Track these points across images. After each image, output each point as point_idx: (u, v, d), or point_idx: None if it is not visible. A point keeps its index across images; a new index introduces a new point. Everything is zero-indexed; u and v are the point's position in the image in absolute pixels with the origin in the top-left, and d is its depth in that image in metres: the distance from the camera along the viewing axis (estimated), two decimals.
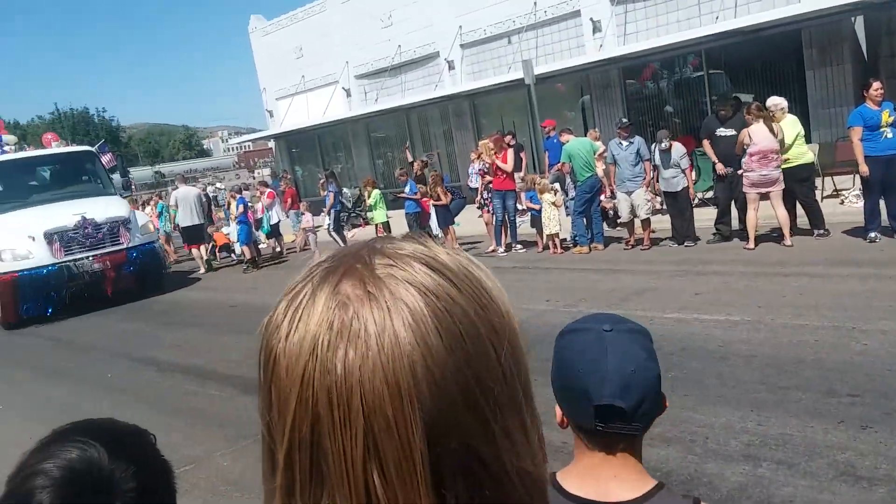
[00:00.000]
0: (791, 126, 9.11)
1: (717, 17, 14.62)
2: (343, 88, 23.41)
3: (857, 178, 9.46)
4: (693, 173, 10.74)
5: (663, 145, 9.97)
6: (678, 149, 10.01)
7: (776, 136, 8.82)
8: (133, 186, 15.63)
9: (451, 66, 20.18)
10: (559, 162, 12.76)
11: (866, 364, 4.96)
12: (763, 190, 8.94)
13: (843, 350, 5.29)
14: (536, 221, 11.64)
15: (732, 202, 9.82)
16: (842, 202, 10.65)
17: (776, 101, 9.21)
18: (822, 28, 13.47)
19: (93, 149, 15.18)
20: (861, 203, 9.05)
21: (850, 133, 8.63)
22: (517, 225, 12.20)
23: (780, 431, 4.14)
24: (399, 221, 13.98)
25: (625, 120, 11.15)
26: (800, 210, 9.36)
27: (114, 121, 63.79)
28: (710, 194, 12.22)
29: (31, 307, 12.05)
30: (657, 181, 10.69)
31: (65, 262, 12.11)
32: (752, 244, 9.08)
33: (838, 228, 9.19)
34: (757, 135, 8.83)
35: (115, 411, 6.62)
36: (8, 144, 14.49)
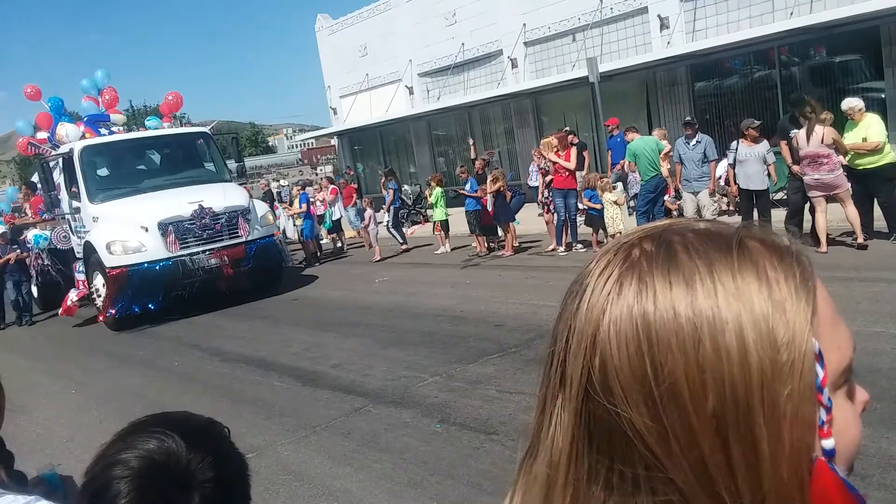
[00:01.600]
0: (876, 125, 8.74)
1: (791, 13, 14.16)
2: (406, 86, 23.57)
3: None
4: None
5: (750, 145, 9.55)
6: (764, 144, 9.68)
7: (813, 140, 8.50)
8: (247, 174, 14.34)
9: (514, 64, 20.10)
10: (621, 161, 12.57)
11: None
12: (823, 193, 8.62)
13: None
14: (593, 220, 11.48)
15: (806, 204, 9.48)
16: None
17: (852, 104, 8.86)
18: None
19: (207, 130, 13.91)
20: None
21: None
22: (578, 224, 12.06)
23: None
24: (458, 219, 13.99)
25: (689, 118, 10.89)
26: (878, 212, 8.99)
27: (185, 118, 65.53)
28: (780, 195, 11.85)
29: (136, 305, 10.94)
30: (734, 180, 10.21)
31: (179, 256, 10.91)
32: (824, 247, 8.76)
33: None
34: (802, 140, 8.59)
35: (182, 398, 6.86)
36: (116, 125, 13.30)
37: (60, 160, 12.16)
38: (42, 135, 13.16)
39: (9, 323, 13.20)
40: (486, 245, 13.04)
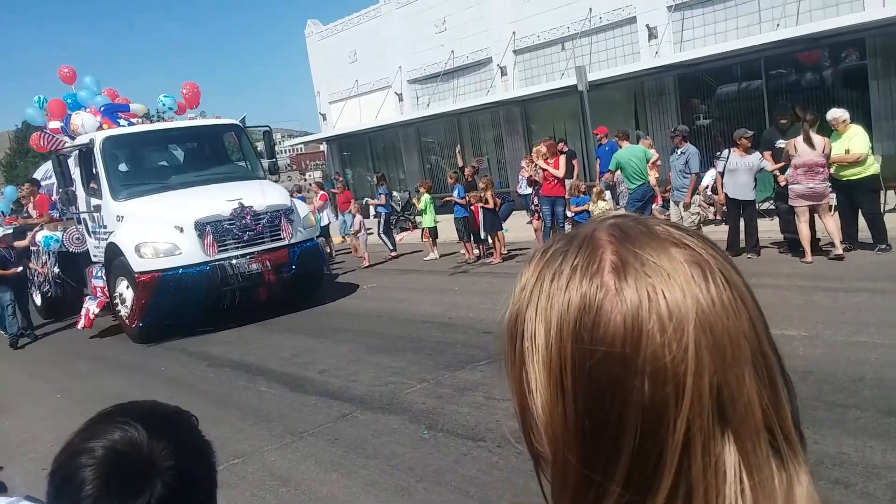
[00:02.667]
0: (860, 136, 8.84)
1: (777, 25, 14.31)
2: (395, 93, 23.61)
3: None
4: None
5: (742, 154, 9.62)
6: (755, 155, 9.72)
7: (816, 148, 8.59)
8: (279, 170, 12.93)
9: (503, 72, 20.18)
10: (608, 170, 12.65)
11: None
12: (809, 203, 8.71)
13: None
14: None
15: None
16: None
17: (837, 115, 8.95)
18: (887, 37, 13.06)
19: (239, 122, 12.38)
20: None
21: None
22: (566, 231, 12.10)
23: (836, 450, 4.02)
24: (447, 226, 14.01)
25: (684, 127, 10.97)
26: (861, 223, 9.09)
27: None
28: (765, 205, 11.95)
29: (167, 316, 9.71)
30: (723, 188, 10.25)
31: (218, 260, 9.66)
32: (809, 257, 8.84)
33: None
34: (800, 147, 8.65)
35: (169, 403, 6.78)
36: (136, 115, 12.10)
37: (77, 153, 10.81)
38: (54, 124, 11.83)
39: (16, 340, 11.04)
40: (473, 252, 13.07)
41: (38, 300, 12.70)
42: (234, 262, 9.74)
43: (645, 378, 0.56)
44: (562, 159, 11.82)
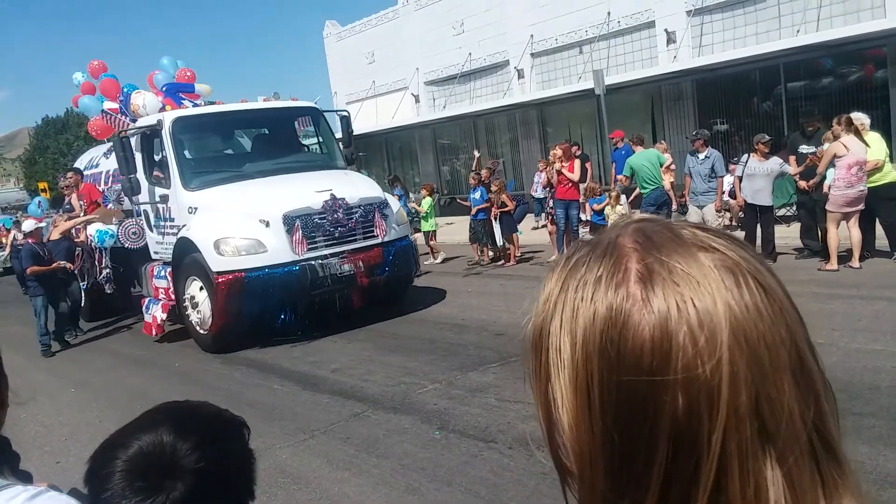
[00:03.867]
0: (877, 143, 8.74)
1: (797, 31, 14.22)
2: (412, 94, 23.66)
3: None
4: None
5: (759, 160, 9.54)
6: (774, 160, 9.63)
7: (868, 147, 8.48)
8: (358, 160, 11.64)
9: (520, 75, 20.17)
10: (620, 175, 12.62)
11: None
12: (852, 209, 8.55)
13: None
14: (596, 231, 11.50)
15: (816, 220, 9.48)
16: None
17: (858, 117, 8.85)
18: None
19: (316, 105, 11.11)
20: None
21: None
22: (580, 235, 12.09)
23: (851, 459, 3.98)
24: (460, 227, 14.01)
25: (705, 131, 10.88)
26: (879, 231, 9.00)
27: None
28: (782, 211, 11.87)
29: (248, 322, 8.53)
30: (739, 193, 10.16)
31: (307, 260, 8.47)
32: (835, 264, 8.71)
33: None
34: (852, 144, 8.40)
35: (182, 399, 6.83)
36: (202, 96, 11.02)
37: (140, 136, 9.71)
38: (110, 105, 10.89)
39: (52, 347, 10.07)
40: (488, 253, 13.06)
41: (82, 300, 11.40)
42: (324, 261, 8.53)
43: (677, 392, 0.54)
44: (576, 163, 11.79)
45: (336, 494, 4.51)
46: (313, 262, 8.47)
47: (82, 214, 11.16)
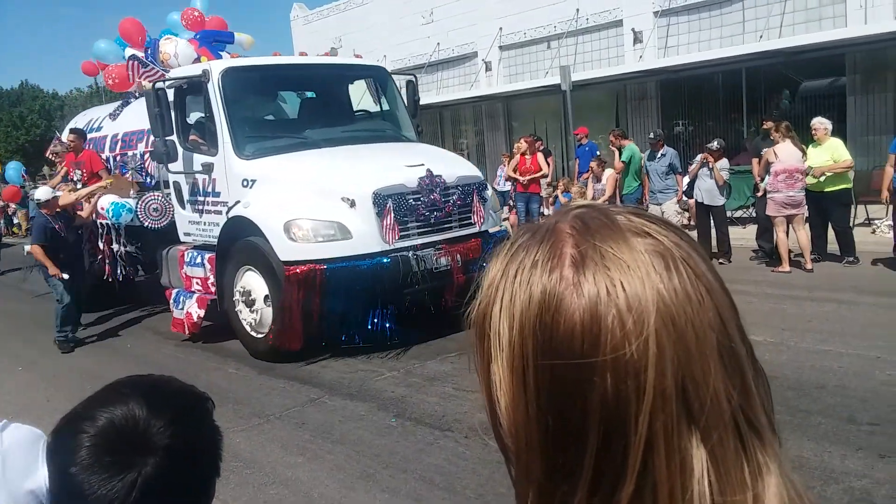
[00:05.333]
0: (838, 149, 8.95)
1: (760, 36, 14.48)
2: None
3: (891, 207, 9.35)
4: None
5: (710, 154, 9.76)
6: (722, 162, 9.86)
7: (800, 156, 8.73)
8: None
9: (487, 67, 20.18)
10: (587, 170, 12.71)
11: (890, 394, 4.88)
12: (789, 212, 8.81)
13: (866, 378, 5.22)
14: None
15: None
16: (873, 231, 10.49)
17: (821, 121, 9.08)
18: (868, 54, 13.28)
19: (385, 68, 9.61)
20: (892, 233, 8.95)
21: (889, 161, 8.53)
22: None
23: (796, 454, 4.10)
24: None
25: (658, 131, 11.06)
26: (830, 235, 9.24)
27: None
28: (738, 213, 12.12)
29: (316, 326, 6.83)
30: (687, 194, 10.43)
31: (400, 250, 6.82)
32: (786, 266, 8.93)
33: (868, 257, 9.05)
34: (783, 152, 8.74)
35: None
36: (243, 49, 9.58)
37: (174, 90, 7.90)
38: (132, 53, 9.23)
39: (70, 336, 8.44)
40: None
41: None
42: (420, 253, 6.88)
43: (606, 374, 0.55)
44: (540, 156, 11.87)
45: (290, 479, 4.49)
46: (407, 254, 6.80)
47: (79, 186, 9.18)
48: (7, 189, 12.05)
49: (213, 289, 7.70)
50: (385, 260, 6.70)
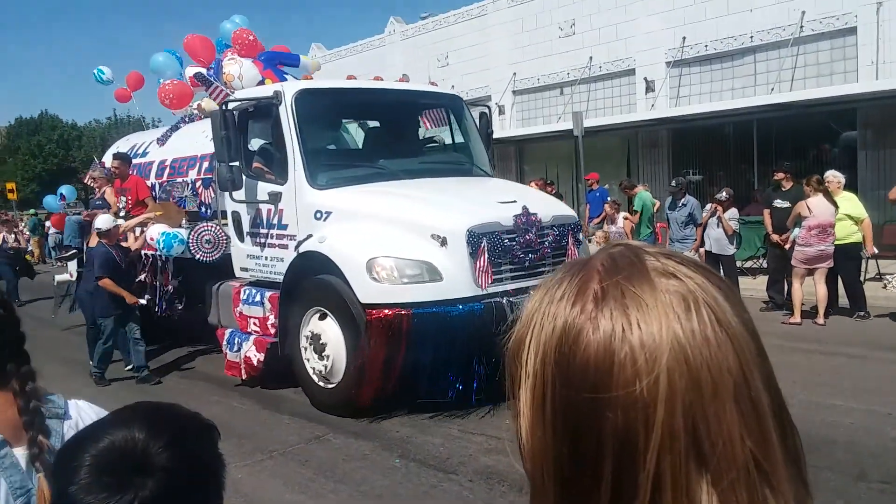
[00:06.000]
0: (849, 202, 8.97)
1: (772, 89, 14.62)
2: None
3: None
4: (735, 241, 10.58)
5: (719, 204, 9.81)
6: (732, 212, 9.88)
7: (836, 210, 8.72)
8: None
9: (501, 111, 20.41)
10: (598, 215, 12.74)
11: None
12: (814, 266, 8.76)
13: (877, 435, 5.15)
14: None
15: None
16: (884, 286, 10.44)
17: (835, 174, 9.12)
18: (879, 109, 13.37)
19: (460, 97, 9.14)
20: None
21: None
22: None
23: None
24: None
25: (682, 179, 11.09)
26: (840, 290, 9.20)
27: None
28: (749, 263, 12.09)
29: (398, 378, 6.08)
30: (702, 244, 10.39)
31: (493, 296, 6.08)
32: (798, 318, 8.88)
33: (878, 312, 9.00)
34: (817, 207, 8.66)
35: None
36: (307, 71, 9.09)
37: (238, 113, 7.20)
38: (193, 71, 8.70)
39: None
40: None
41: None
42: (514, 300, 6.04)
43: (617, 408, 0.56)
44: None
45: None
46: (501, 300, 6.03)
47: (122, 214, 8.65)
48: (55, 215, 11.66)
49: (273, 331, 6.93)
50: (478, 306, 5.94)
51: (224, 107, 7.09)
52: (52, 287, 11.59)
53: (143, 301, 7.76)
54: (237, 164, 7.10)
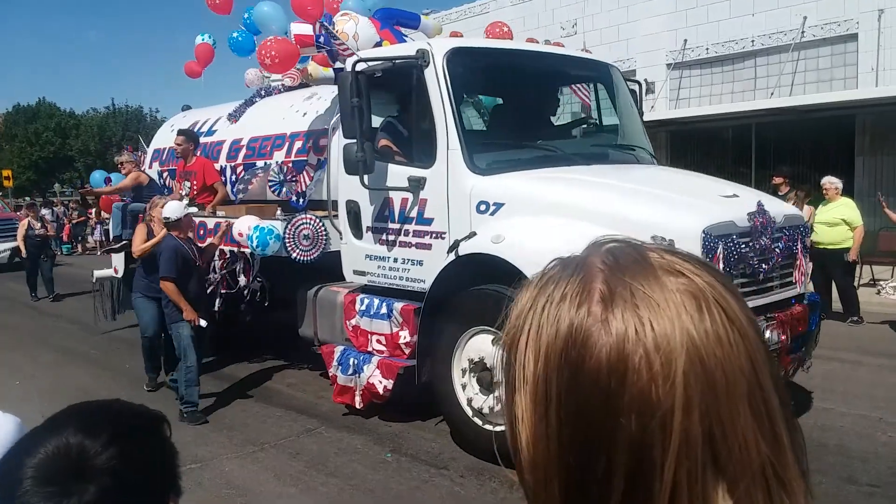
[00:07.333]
0: (847, 207, 9.00)
1: (771, 94, 14.64)
2: None
3: None
4: None
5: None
6: None
7: (808, 217, 8.76)
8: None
9: None
10: None
11: (891, 456, 4.84)
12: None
13: (867, 439, 5.17)
14: None
15: None
16: (878, 292, 10.48)
17: (833, 181, 9.15)
18: (877, 116, 13.40)
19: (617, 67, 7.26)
20: None
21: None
22: None
23: None
24: None
25: None
26: (834, 294, 9.23)
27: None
28: None
29: None
30: None
31: None
32: None
33: (872, 318, 9.02)
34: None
35: (131, 401, 6.61)
36: (426, 33, 7.79)
37: (368, 79, 5.56)
38: (300, 29, 6.81)
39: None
40: None
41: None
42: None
43: (632, 415, 0.53)
44: None
45: None
46: None
47: (186, 202, 7.08)
48: (103, 199, 9.67)
49: (408, 351, 5.58)
50: None
51: (356, 68, 5.55)
52: (90, 285, 9.76)
53: (202, 323, 6.35)
54: (370, 142, 5.58)
